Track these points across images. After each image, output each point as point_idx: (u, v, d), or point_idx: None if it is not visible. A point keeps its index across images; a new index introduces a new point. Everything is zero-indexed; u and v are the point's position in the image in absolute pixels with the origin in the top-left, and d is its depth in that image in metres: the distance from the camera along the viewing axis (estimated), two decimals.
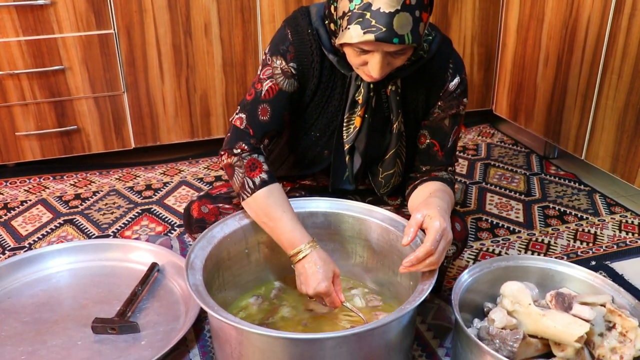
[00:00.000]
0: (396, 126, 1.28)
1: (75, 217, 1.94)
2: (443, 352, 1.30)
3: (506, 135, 2.63)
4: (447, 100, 1.29)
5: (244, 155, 1.22)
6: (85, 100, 2.17)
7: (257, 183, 1.20)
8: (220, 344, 1.14)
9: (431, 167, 1.33)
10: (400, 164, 1.34)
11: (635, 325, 1.13)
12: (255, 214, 1.23)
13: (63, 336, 1.32)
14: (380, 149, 1.32)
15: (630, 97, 1.88)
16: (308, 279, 1.16)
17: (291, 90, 1.25)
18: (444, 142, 1.32)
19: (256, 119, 1.24)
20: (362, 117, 1.26)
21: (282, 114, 1.26)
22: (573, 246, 1.76)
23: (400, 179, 1.36)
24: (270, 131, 1.26)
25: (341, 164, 1.33)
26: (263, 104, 1.24)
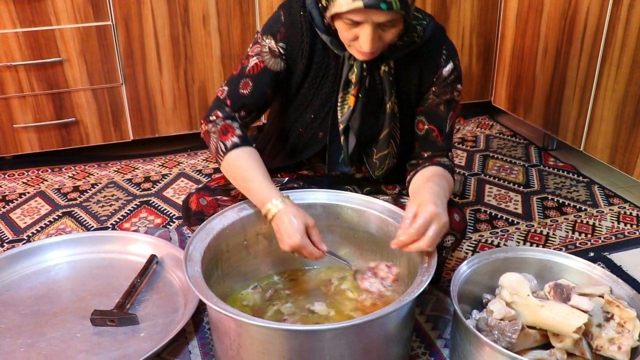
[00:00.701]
0: (389, 106, 1.29)
1: (73, 209, 1.94)
2: (442, 343, 1.30)
3: (505, 127, 2.63)
4: (440, 86, 1.30)
5: (218, 121, 1.27)
6: (84, 92, 2.16)
7: (229, 146, 1.23)
8: (219, 336, 1.14)
9: (433, 153, 1.33)
10: (395, 145, 1.34)
11: (633, 316, 1.13)
12: (230, 177, 1.26)
13: (62, 328, 1.32)
14: (375, 130, 1.33)
15: (629, 88, 1.88)
16: (282, 235, 1.16)
17: (276, 70, 1.28)
18: (441, 127, 1.32)
19: (236, 92, 1.29)
20: (356, 97, 1.27)
21: (264, 90, 1.29)
22: (571, 237, 1.76)
23: (395, 161, 1.36)
24: (249, 105, 1.29)
25: (336, 144, 1.34)
26: (246, 78, 1.29)
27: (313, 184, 1.42)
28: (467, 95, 2.68)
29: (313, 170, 1.49)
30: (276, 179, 1.45)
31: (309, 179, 1.45)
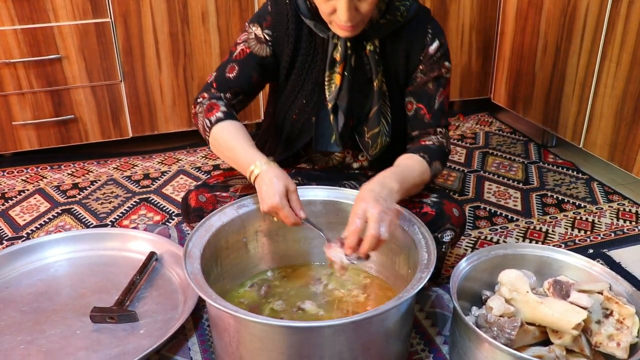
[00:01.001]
0: (376, 84, 1.31)
1: (73, 206, 1.94)
2: (441, 340, 1.31)
3: (504, 124, 2.63)
4: (427, 64, 1.32)
5: (204, 101, 1.32)
6: (82, 89, 2.16)
7: (213, 121, 1.27)
8: (218, 333, 1.14)
9: (419, 132, 1.35)
10: (386, 123, 1.36)
11: (632, 312, 1.13)
12: (218, 151, 1.29)
13: (62, 325, 1.32)
14: (365, 109, 1.35)
15: (629, 85, 1.88)
16: (262, 195, 1.17)
17: (262, 55, 1.33)
18: (430, 104, 1.34)
19: (223, 76, 1.35)
20: (342, 75, 1.30)
21: (250, 74, 1.33)
22: (571, 234, 1.76)
23: (388, 140, 1.37)
24: (234, 87, 1.34)
25: (326, 124, 1.36)
26: (232, 63, 1.34)
27: (312, 180, 1.42)
28: (466, 92, 2.68)
29: (311, 162, 1.50)
30: None
31: (307, 174, 1.46)
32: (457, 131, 2.55)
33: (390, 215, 1.09)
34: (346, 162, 1.47)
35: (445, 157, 1.33)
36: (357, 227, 1.08)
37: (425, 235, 1.19)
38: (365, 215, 1.08)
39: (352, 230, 1.09)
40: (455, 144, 2.43)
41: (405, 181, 1.19)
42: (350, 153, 1.46)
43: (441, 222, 1.30)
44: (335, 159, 1.47)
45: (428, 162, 1.27)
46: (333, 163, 1.48)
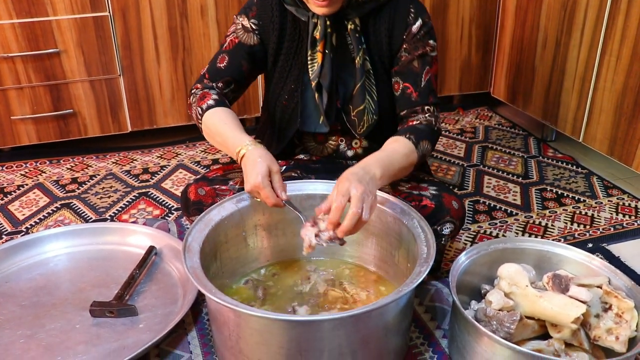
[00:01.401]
0: (358, 61, 1.32)
1: (72, 201, 1.94)
2: (440, 334, 1.31)
3: (504, 118, 2.62)
4: (411, 43, 1.34)
5: (197, 91, 1.37)
6: (81, 83, 2.15)
7: (205, 108, 1.31)
8: (218, 327, 1.14)
9: (407, 111, 1.35)
10: (372, 101, 1.36)
11: (631, 306, 1.13)
12: (209, 137, 1.33)
13: (61, 320, 1.32)
14: (350, 87, 1.36)
15: (629, 79, 1.87)
16: (245, 175, 1.19)
17: (250, 44, 1.37)
18: (416, 82, 1.34)
19: (214, 66, 1.39)
20: (323, 53, 1.32)
21: (240, 63, 1.38)
22: (570, 228, 1.76)
23: (375, 118, 1.37)
24: (225, 77, 1.38)
25: (312, 105, 1.37)
26: (222, 54, 1.39)
27: (310, 173, 1.42)
28: (466, 86, 2.67)
29: (308, 152, 1.51)
30: None
31: (306, 166, 1.46)
32: (457, 125, 2.55)
33: (371, 197, 1.10)
34: (341, 149, 1.48)
35: (434, 135, 1.32)
36: (341, 204, 1.08)
37: (424, 229, 1.18)
38: (348, 194, 1.08)
39: (335, 206, 1.08)
40: (454, 138, 2.42)
41: (389, 166, 1.19)
42: (344, 140, 1.47)
43: (440, 215, 1.30)
44: (329, 147, 1.48)
45: (414, 143, 1.26)
46: (328, 152, 1.48)
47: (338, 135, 1.46)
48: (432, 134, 1.32)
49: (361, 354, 1.07)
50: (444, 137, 2.43)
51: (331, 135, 1.47)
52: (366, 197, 1.09)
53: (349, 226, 1.08)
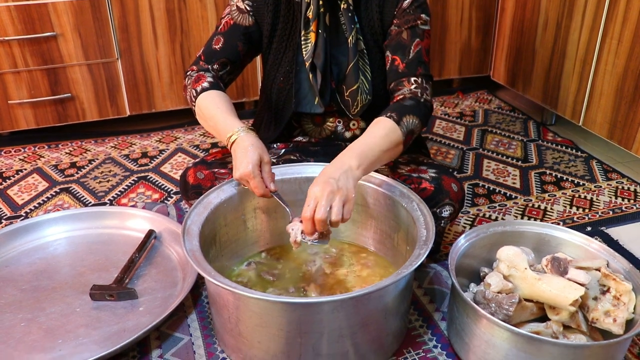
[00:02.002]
0: (351, 40, 1.32)
1: (71, 185, 1.93)
2: (439, 316, 1.31)
3: (504, 102, 2.61)
4: (401, 17, 1.33)
5: (193, 73, 1.36)
6: (79, 67, 2.14)
7: (199, 90, 1.31)
8: (217, 309, 1.15)
9: (394, 84, 1.33)
10: (365, 81, 1.36)
11: (629, 289, 1.13)
12: (202, 120, 1.32)
13: (61, 303, 1.32)
14: (342, 68, 1.36)
15: (630, 62, 1.86)
16: (235, 162, 1.17)
17: (245, 24, 1.38)
18: (404, 54, 1.32)
19: (210, 48, 1.39)
20: (317, 33, 1.32)
21: (235, 44, 1.38)
22: (569, 212, 1.76)
23: (369, 98, 1.37)
24: (221, 58, 1.38)
25: (307, 86, 1.37)
26: (218, 35, 1.39)
27: (309, 156, 1.42)
28: (465, 69, 2.66)
29: (306, 134, 1.50)
30: (272, 150, 1.46)
31: (305, 149, 1.45)
32: (456, 109, 2.54)
33: (341, 194, 1.08)
34: (338, 131, 1.47)
35: (420, 108, 1.26)
36: (307, 215, 1.07)
37: (423, 211, 1.18)
38: (315, 200, 1.07)
39: (305, 217, 1.08)
40: (454, 121, 2.42)
41: (368, 152, 1.16)
42: (342, 122, 1.47)
43: (440, 198, 1.30)
44: (327, 129, 1.48)
45: (396, 121, 1.21)
46: (326, 133, 1.48)
47: (335, 116, 1.46)
48: (419, 106, 1.26)
49: (360, 335, 1.08)
50: (444, 121, 2.42)
51: (329, 117, 1.46)
52: (333, 197, 1.07)
53: (320, 229, 1.08)
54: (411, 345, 1.23)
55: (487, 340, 1.08)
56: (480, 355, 1.11)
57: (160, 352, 1.22)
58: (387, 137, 1.20)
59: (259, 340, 1.08)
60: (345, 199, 1.08)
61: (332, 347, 1.06)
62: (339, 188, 1.08)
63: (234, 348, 1.15)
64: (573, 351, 1.04)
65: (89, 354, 1.15)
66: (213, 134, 1.30)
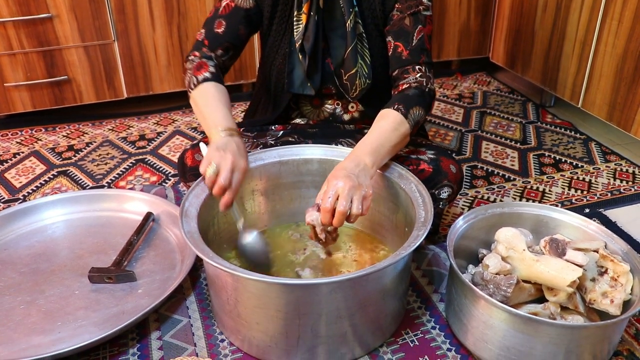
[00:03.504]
0: (349, 24, 1.31)
1: (69, 168, 1.93)
2: (437, 298, 1.32)
3: (503, 84, 2.60)
4: (404, 2, 1.32)
5: (195, 59, 1.34)
6: (75, 49, 2.12)
7: (200, 79, 1.29)
8: (216, 291, 1.15)
9: (398, 71, 1.32)
10: (365, 65, 1.35)
11: (626, 270, 1.14)
12: (194, 109, 1.31)
13: (60, 286, 1.32)
14: (341, 51, 1.34)
15: (630, 44, 1.85)
16: (208, 156, 1.12)
17: (246, 7, 1.36)
18: (407, 41, 1.31)
19: (212, 32, 1.37)
20: (308, 15, 1.31)
21: (237, 27, 1.36)
22: (567, 194, 1.76)
23: (369, 82, 1.36)
24: (224, 43, 1.36)
25: (300, 67, 1.37)
26: (219, 18, 1.37)
27: (308, 138, 1.41)
28: (464, 51, 2.64)
29: (304, 117, 1.50)
30: (270, 132, 1.45)
31: (303, 131, 1.45)
32: (455, 91, 2.53)
33: (362, 190, 1.09)
34: (337, 113, 1.47)
35: (425, 98, 1.27)
36: (328, 206, 1.07)
37: (422, 193, 1.18)
38: (336, 193, 1.07)
39: (323, 208, 1.08)
40: (453, 103, 2.41)
41: (380, 149, 1.17)
42: (340, 104, 1.46)
43: (438, 179, 1.30)
44: (326, 111, 1.47)
45: (404, 114, 1.22)
46: (324, 115, 1.47)
47: (334, 99, 1.45)
48: (424, 96, 1.27)
49: (359, 317, 1.08)
50: (442, 103, 2.41)
51: (327, 99, 1.45)
52: (355, 192, 1.08)
53: (338, 223, 1.08)
54: (409, 327, 1.23)
55: (485, 321, 1.09)
56: (478, 336, 1.12)
57: (159, 334, 1.22)
58: (396, 131, 1.21)
59: (258, 321, 1.08)
60: (365, 194, 1.09)
61: (331, 328, 1.07)
62: (359, 184, 1.09)
63: (232, 329, 1.16)
64: (570, 332, 1.04)
65: (88, 335, 1.15)
66: (201, 125, 1.27)
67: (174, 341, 1.20)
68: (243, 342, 1.15)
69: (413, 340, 1.20)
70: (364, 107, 1.45)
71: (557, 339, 1.04)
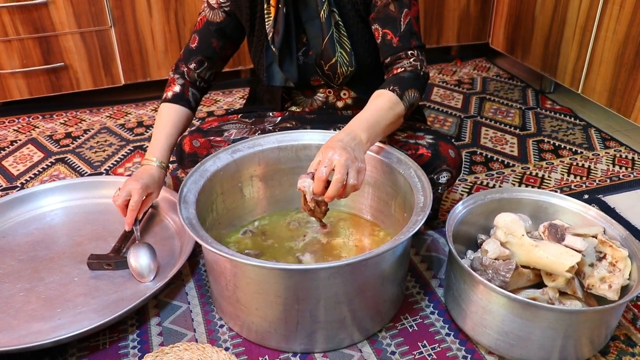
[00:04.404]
0: (323, 14, 1.30)
1: (66, 155, 1.92)
2: (436, 283, 1.32)
3: (502, 69, 2.59)
4: None
5: (171, 74, 1.45)
6: (71, 35, 2.11)
7: (162, 98, 1.43)
8: (215, 277, 1.15)
9: (391, 59, 1.30)
10: (345, 54, 1.33)
11: (625, 255, 1.14)
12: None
13: (59, 273, 1.32)
14: (318, 42, 1.34)
15: (631, 29, 1.84)
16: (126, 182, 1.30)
17: (217, 20, 1.39)
18: (395, 27, 1.30)
19: (188, 47, 1.43)
20: (276, 7, 1.31)
21: (209, 41, 1.41)
22: (567, 180, 1.76)
23: (352, 69, 1.35)
24: (197, 56, 1.42)
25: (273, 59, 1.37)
26: (194, 34, 1.42)
27: (306, 123, 1.41)
28: (464, 37, 2.63)
29: (297, 105, 1.49)
30: (269, 118, 1.45)
31: (301, 117, 1.44)
32: (454, 76, 2.52)
33: (357, 163, 1.07)
34: (330, 101, 1.46)
35: (420, 81, 1.27)
36: (323, 175, 1.05)
37: (421, 178, 1.18)
38: (332, 164, 1.05)
39: (317, 177, 1.06)
40: (452, 89, 2.40)
41: (375, 126, 1.16)
42: (332, 92, 1.46)
43: (437, 164, 1.30)
44: (318, 100, 1.46)
45: (399, 95, 1.21)
46: (317, 104, 1.47)
47: (325, 87, 1.44)
48: (418, 80, 1.26)
49: (358, 302, 1.08)
50: (441, 89, 2.40)
51: (318, 89, 1.45)
52: (350, 164, 1.06)
53: (333, 192, 1.05)
54: (408, 312, 1.24)
55: (483, 307, 1.09)
56: (477, 321, 1.12)
57: (159, 320, 1.23)
58: (391, 110, 1.19)
59: (257, 307, 1.08)
60: (359, 168, 1.08)
61: (330, 314, 1.07)
62: (355, 157, 1.07)
63: (232, 315, 1.16)
64: (568, 316, 1.04)
65: (88, 322, 1.15)
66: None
67: (174, 327, 1.21)
68: (242, 328, 1.16)
69: (412, 325, 1.21)
70: (356, 94, 1.44)
71: (555, 324, 1.04)
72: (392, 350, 1.14)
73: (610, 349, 1.16)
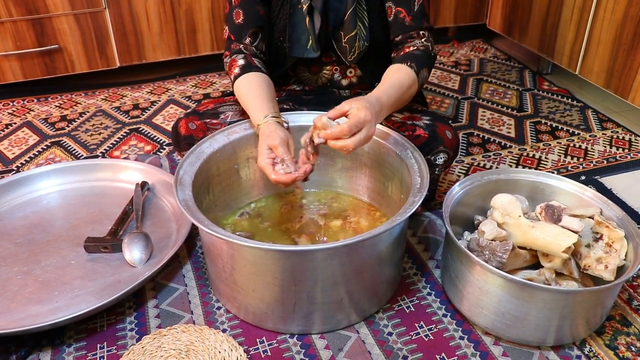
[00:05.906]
0: None
1: (62, 139, 1.91)
2: (433, 264, 1.32)
3: (499, 51, 2.58)
4: None
5: (227, 59, 1.36)
6: (65, 17, 2.08)
7: (232, 79, 1.32)
8: (212, 259, 1.15)
9: (402, 37, 1.32)
10: (363, 27, 1.33)
11: (621, 236, 1.14)
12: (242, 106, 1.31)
13: (56, 256, 1.32)
14: (340, 13, 1.33)
15: (630, 9, 1.82)
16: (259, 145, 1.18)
17: None
18: (409, 6, 1.31)
19: (234, 25, 1.35)
20: None
21: (256, 10, 1.34)
22: (564, 161, 1.76)
23: (366, 44, 1.35)
24: (249, 29, 1.34)
25: (300, 29, 1.34)
26: (235, 9, 1.35)
27: (303, 105, 1.40)
28: (461, 17, 2.61)
29: (301, 83, 1.48)
30: None
31: (298, 98, 1.44)
32: (452, 58, 2.51)
33: (370, 128, 1.09)
34: (335, 79, 1.45)
35: (431, 62, 1.31)
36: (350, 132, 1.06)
37: (418, 159, 1.18)
38: (362, 126, 1.07)
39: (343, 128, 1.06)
40: (449, 70, 2.38)
41: (394, 100, 1.20)
42: (339, 70, 1.44)
43: (434, 145, 1.29)
44: (323, 77, 1.45)
45: (416, 72, 1.25)
46: (322, 81, 1.46)
47: (333, 65, 1.43)
48: (429, 59, 1.30)
49: (355, 283, 1.09)
50: (438, 70, 2.39)
51: (325, 66, 1.43)
52: (369, 127, 1.08)
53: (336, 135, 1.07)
54: (405, 293, 1.24)
55: (480, 287, 1.09)
56: (474, 301, 1.12)
57: (156, 302, 1.23)
58: (409, 88, 1.24)
59: (254, 288, 1.08)
60: (369, 134, 1.09)
61: (327, 295, 1.07)
62: (375, 124, 1.11)
63: (229, 297, 1.16)
64: (565, 297, 1.05)
65: (86, 304, 1.15)
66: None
67: (171, 309, 1.21)
68: (239, 310, 1.16)
69: (409, 306, 1.21)
70: (361, 72, 1.43)
71: (551, 304, 1.04)
72: (389, 332, 1.15)
73: (606, 329, 1.17)
